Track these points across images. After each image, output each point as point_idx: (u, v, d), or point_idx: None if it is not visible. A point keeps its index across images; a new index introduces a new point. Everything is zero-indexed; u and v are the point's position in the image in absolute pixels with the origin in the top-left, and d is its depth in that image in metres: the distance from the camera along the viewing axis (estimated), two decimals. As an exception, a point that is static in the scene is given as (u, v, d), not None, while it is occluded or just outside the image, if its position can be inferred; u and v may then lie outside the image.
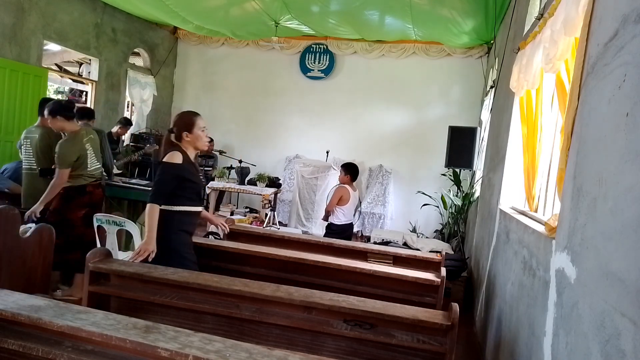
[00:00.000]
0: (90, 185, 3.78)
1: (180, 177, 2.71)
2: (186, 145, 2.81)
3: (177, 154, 2.72)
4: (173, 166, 2.69)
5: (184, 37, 9.08)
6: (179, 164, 2.70)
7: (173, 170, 2.69)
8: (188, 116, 2.86)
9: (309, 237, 4.15)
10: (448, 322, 2.09)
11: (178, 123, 2.83)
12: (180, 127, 2.80)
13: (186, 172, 2.74)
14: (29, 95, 5.84)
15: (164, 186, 2.69)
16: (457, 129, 6.32)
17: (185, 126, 2.80)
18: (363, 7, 6.26)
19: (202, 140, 2.84)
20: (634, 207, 1.15)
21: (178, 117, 2.89)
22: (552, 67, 2.28)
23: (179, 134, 2.80)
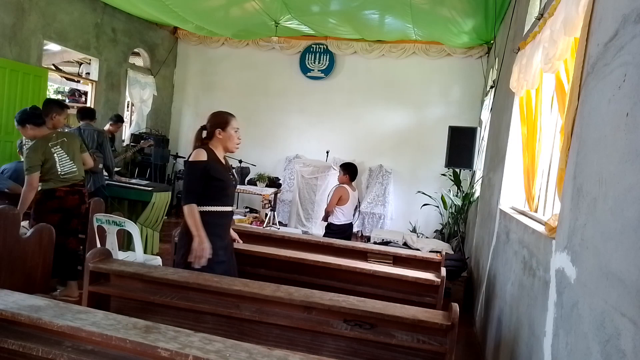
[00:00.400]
0: (61, 190, 3.69)
1: (206, 174, 2.64)
2: (216, 144, 2.76)
3: (201, 151, 2.67)
4: (198, 163, 2.64)
5: (184, 37, 9.08)
6: (204, 160, 2.65)
7: (199, 168, 2.63)
8: (224, 114, 2.83)
9: (309, 237, 4.15)
10: (448, 322, 2.09)
11: (212, 120, 2.79)
12: (214, 124, 2.76)
13: (212, 170, 2.66)
14: (29, 95, 5.84)
15: (193, 184, 2.64)
16: (457, 129, 6.32)
17: (220, 124, 2.76)
18: (363, 7, 6.26)
19: (233, 140, 2.79)
20: (634, 207, 1.15)
21: (213, 115, 2.84)
22: (551, 67, 2.28)
23: (211, 131, 2.76)
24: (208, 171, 2.64)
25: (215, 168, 2.68)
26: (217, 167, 2.71)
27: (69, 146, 3.78)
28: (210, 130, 2.76)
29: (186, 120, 9.41)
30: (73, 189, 3.76)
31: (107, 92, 7.51)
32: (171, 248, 3.42)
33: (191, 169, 2.67)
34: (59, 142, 3.73)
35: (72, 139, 3.88)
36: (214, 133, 2.75)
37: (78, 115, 5.47)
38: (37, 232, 3.48)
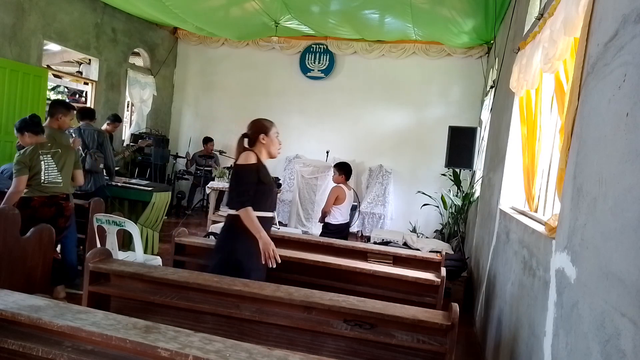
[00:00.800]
0: (37, 200, 3.62)
1: (256, 177, 2.64)
2: (260, 150, 2.76)
3: (251, 154, 2.67)
4: (251, 166, 2.63)
5: (184, 37, 9.08)
6: (254, 163, 2.65)
7: (251, 171, 2.62)
8: (265, 121, 2.82)
9: (309, 237, 4.15)
10: (448, 322, 2.09)
11: (254, 127, 2.79)
12: (256, 130, 2.76)
13: (261, 174, 2.67)
14: (29, 95, 5.84)
15: (246, 187, 2.61)
16: (457, 129, 6.32)
17: (263, 129, 2.76)
18: (363, 7, 6.26)
19: (276, 145, 2.79)
20: (634, 207, 1.15)
21: (254, 122, 2.83)
22: (551, 67, 2.28)
23: (254, 137, 2.76)
24: (259, 175, 2.64)
25: (264, 172, 2.70)
26: (264, 171, 2.72)
27: (61, 158, 3.73)
28: (254, 137, 2.76)
29: (186, 120, 9.41)
30: (50, 201, 3.65)
31: (107, 92, 7.51)
32: (171, 248, 3.42)
33: (243, 172, 2.64)
34: (52, 152, 3.70)
35: (68, 152, 3.82)
36: (258, 139, 2.75)
37: (78, 115, 5.47)
38: (37, 232, 3.48)
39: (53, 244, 3.63)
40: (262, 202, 2.69)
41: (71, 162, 3.82)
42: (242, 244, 2.65)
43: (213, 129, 8.90)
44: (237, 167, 2.69)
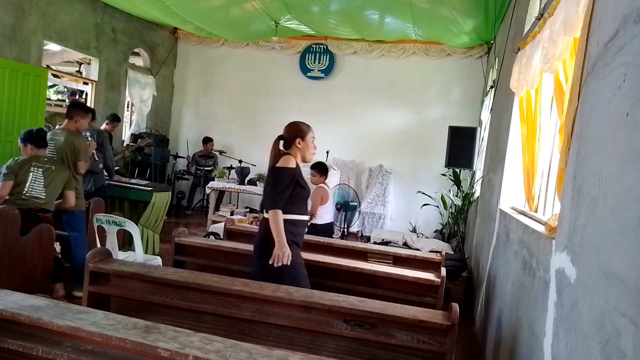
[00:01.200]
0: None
1: (295, 181, 2.64)
2: (295, 153, 2.75)
3: (291, 158, 2.67)
4: (290, 170, 2.62)
5: (184, 37, 9.08)
6: (294, 167, 2.64)
7: (290, 174, 2.62)
8: (302, 124, 2.82)
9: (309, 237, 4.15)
10: (448, 322, 2.09)
11: (291, 130, 2.79)
12: (293, 134, 2.76)
13: (300, 178, 2.67)
14: (29, 95, 5.84)
15: (282, 190, 2.60)
16: (457, 129, 6.32)
17: (299, 133, 2.76)
18: (363, 7, 6.26)
19: (311, 150, 2.80)
20: (634, 207, 1.15)
21: (291, 125, 2.83)
22: (550, 67, 2.28)
23: (290, 141, 2.75)
24: (297, 179, 2.64)
25: (301, 176, 2.70)
26: (302, 175, 2.72)
27: (51, 174, 3.69)
28: (290, 140, 2.76)
29: (186, 120, 9.41)
30: (27, 214, 3.53)
31: (107, 92, 7.51)
32: (171, 248, 3.42)
33: (281, 175, 2.63)
34: (43, 167, 3.67)
35: (61, 171, 3.78)
36: (294, 143, 2.75)
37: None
38: (37, 232, 3.48)
39: (53, 244, 3.63)
40: (300, 205, 2.70)
41: (61, 181, 3.76)
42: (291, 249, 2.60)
43: (213, 129, 8.90)
44: (275, 169, 2.66)
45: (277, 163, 2.67)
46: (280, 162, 2.66)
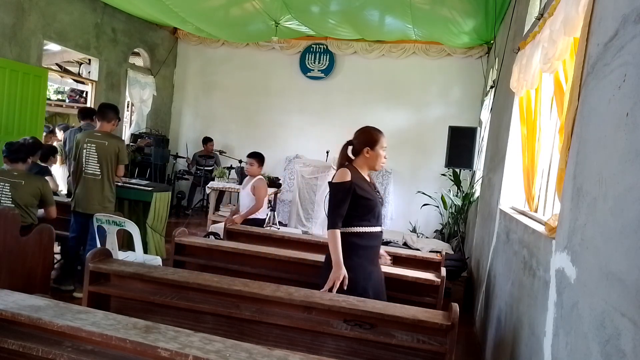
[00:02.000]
0: None
1: (351, 194, 2.49)
2: (362, 162, 2.62)
3: (345, 171, 2.53)
4: (343, 184, 2.49)
5: (184, 37, 9.08)
6: (347, 181, 2.50)
7: (344, 189, 2.49)
8: (374, 132, 2.65)
9: (309, 237, 4.15)
10: (448, 322, 2.09)
11: (361, 137, 2.65)
12: (363, 142, 2.61)
13: (358, 189, 2.51)
14: (29, 95, 5.84)
15: (337, 208, 2.49)
16: (457, 129, 6.32)
17: (369, 142, 2.60)
18: (363, 7, 6.26)
19: (380, 160, 2.62)
20: (634, 207, 1.15)
21: (362, 131, 2.68)
22: (550, 67, 2.28)
23: (359, 149, 2.61)
24: (354, 190, 2.50)
25: (361, 186, 2.54)
26: (363, 185, 2.56)
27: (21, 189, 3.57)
28: (359, 148, 2.62)
29: (186, 120, 9.42)
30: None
31: (107, 92, 7.51)
32: (171, 248, 3.42)
33: (335, 191, 2.52)
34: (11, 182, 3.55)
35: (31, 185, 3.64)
36: (362, 151, 2.60)
37: (79, 115, 5.48)
38: (37, 232, 3.48)
39: (53, 244, 3.64)
40: (366, 216, 2.54)
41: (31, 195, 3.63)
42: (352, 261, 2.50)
43: (213, 129, 8.91)
44: (330, 185, 2.58)
45: (333, 177, 2.57)
46: (335, 176, 2.56)
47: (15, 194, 3.56)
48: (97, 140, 4.00)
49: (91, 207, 3.97)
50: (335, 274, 2.43)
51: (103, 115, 4.09)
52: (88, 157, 3.99)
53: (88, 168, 4.00)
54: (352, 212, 2.50)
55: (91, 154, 3.98)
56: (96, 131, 4.10)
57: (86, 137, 4.03)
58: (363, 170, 2.62)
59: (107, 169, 4.03)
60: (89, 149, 3.98)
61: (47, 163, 5.04)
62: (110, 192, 4.10)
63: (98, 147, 3.99)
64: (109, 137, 4.06)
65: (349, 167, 2.58)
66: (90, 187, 4.00)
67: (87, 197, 4.00)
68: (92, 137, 4.02)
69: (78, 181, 4.05)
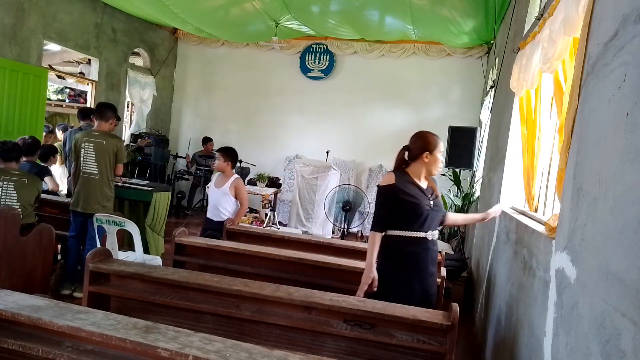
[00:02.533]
0: None
1: (393, 198, 2.49)
2: (418, 167, 2.58)
3: (390, 175, 2.55)
4: (385, 188, 2.52)
5: (184, 37, 9.08)
6: (391, 184, 2.51)
7: (386, 192, 2.51)
8: (432, 137, 2.61)
9: (309, 237, 4.15)
10: (448, 322, 2.09)
11: (419, 142, 2.62)
12: (420, 146, 2.59)
13: (401, 193, 2.49)
14: (29, 95, 5.84)
15: (378, 211, 2.53)
16: (457, 129, 6.31)
17: (427, 146, 2.58)
18: (363, 7, 6.26)
19: (438, 164, 2.61)
20: (634, 207, 1.15)
21: (420, 135, 2.65)
22: (550, 66, 2.28)
23: (417, 154, 2.58)
24: (396, 194, 2.49)
25: (407, 191, 2.50)
26: (410, 189, 2.52)
27: (23, 188, 3.60)
28: (417, 153, 2.59)
29: (186, 120, 9.42)
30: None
31: (107, 92, 7.51)
32: (171, 248, 3.42)
33: (378, 194, 2.56)
34: (15, 180, 3.57)
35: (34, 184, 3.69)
36: (421, 156, 2.57)
37: (79, 115, 5.47)
38: (37, 232, 3.48)
39: (53, 244, 3.63)
40: (408, 221, 2.51)
41: (34, 194, 3.68)
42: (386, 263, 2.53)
43: (213, 129, 8.91)
44: (377, 188, 2.61)
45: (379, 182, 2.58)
46: (382, 180, 2.57)
47: (19, 193, 3.58)
48: (94, 139, 3.99)
49: (90, 206, 3.97)
50: (364, 276, 2.45)
51: (101, 114, 4.08)
52: (86, 157, 3.98)
53: (86, 167, 4.00)
54: (395, 215, 2.50)
55: (89, 153, 3.97)
56: (94, 130, 4.08)
57: (84, 136, 4.02)
58: (419, 174, 2.59)
59: (106, 168, 4.03)
60: (87, 148, 3.97)
61: (47, 163, 5.03)
62: (109, 191, 4.09)
63: (96, 146, 3.98)
64: (107, 137, 4.05)
65: (396, 172, 2.58)
66: (89, 186, 4.00)
67: (85, 196, 4.00)
68: (90, 137, 4.01)
69: (77, 181, 4.06)
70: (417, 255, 2.54)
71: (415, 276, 2.53)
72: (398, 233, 2.52)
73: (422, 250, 2.55)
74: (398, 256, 2.54)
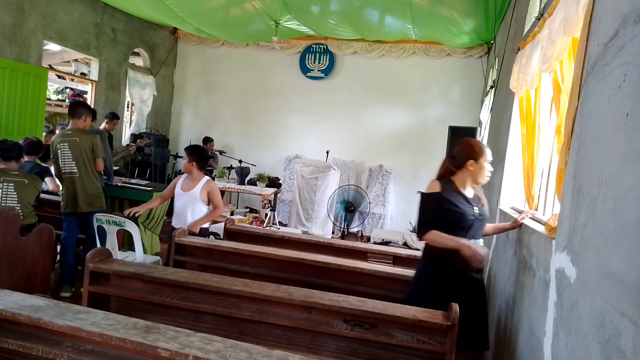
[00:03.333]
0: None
1: (437, 206, 2.47)
2: (464, 175, 2.55)
3: (435, 183, 2.53)
4: (429, 196, 2.50)
5: (183, 37, 9.08)
6: (435, 192, 2.49)
7: (430, 200, 2.49)
8: (477, 145, 2.57)
9: (309, 237, 4.15)
10: (448, 322, 2.09)
11: (464, 150, 2.57)
12: (467, 155, 2.54)
13: (446, 202, 2.47)
14: (29, 95, 5.84)
15: (422, 217, 2.50)
16: (457, 129, 6.31)
17: (472, 154, 2.53)
18: (363, 7, 6.26)
19: (484, 173, 2.55)
20: (634, 207, 1.15)
21: (465, 143, 2.61)
22: (548, 67, 2.28)
23: (462, 162, 2.54)
24: (440, 203, 2.47)
25: (451, 200, 2.48)
26: (455, 198, 2.50)
27: (24, 188, 3.59)
28: (462, 162, 2.55)
29: (186, 120, 9.42)
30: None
31: (107, 92, 7.51)
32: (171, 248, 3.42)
33: (423, 201, 2.52)
34: (15, 181, 3.56)
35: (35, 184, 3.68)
36: (466, 165, 2.53)
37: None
38: (37, 232, 3.48)
39: (53, 244, 3.63)
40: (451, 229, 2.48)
41: (33, 194, 3.67)
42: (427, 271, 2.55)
43: (213, 129, 8.91)
44: (420, 195, 2.56)
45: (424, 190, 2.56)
46: (427, 187, 2.55)
47: (20, 193, 3.57)
48: (68, 138, 3.97)
49: (79, 207, 3.97)
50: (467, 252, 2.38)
51: (73, 112, 4.06)
52: (64, 157, 3.97)
53: (65, 167, 3.98)
54: (439, 224, 2.48)
55: (65, 152, 3.95)
56: (67, 130, 4.06)
57: (59, 137, 4.01)
58: (464, 183, 2.57)
59: (84, 165, 3.99)
60: (63, 148, 3.95)
61: (47, 163, 5.03)
62: (94, 188, 4.06)
63: (70, 144, 3.95)
64: (81, 133, 4.01)
65: (441, 180, 2.56)
66: (72, 186, 3.98)
67: (71, 197, 3.99)
68: (64, 136, 3.99)
69: (61, 182, 4.05)
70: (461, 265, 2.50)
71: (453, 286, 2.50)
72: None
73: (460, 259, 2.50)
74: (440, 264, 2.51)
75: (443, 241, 2.43)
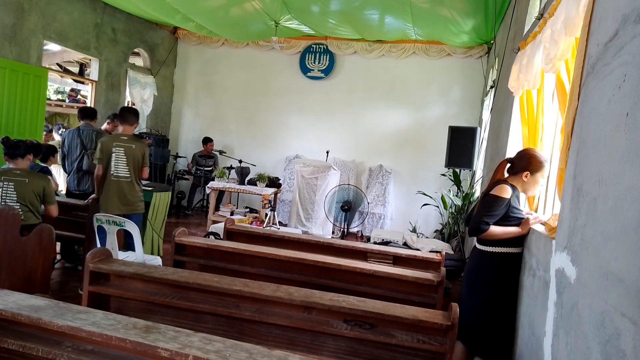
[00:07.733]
0: None
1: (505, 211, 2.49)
2: (516, 182, 2.59)
3: (506, 188, 2.52)
4: (501, 200, 2.49)
5: (184, 37, 9.08)
6: (506, 198, 2.49)
7: (500, 204, 2.48)
8: (537, 159, 2.56)
9: (309, 237, 4.15)
10: (448, 322, 2.09)
11: (523, 159, 2.59)
12: (525, 166, 2.56)
13: (512, 208, 2.50)
14: (29, 95, 5.84)
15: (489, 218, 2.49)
16: (457, 129, 6.31)
17: (529, 166, 2.55)
18: (363, 7, 6.26)
19: (535, 188, 2.60)
20: (634, 207, 1.15)
21: (526, 154, 2.62)
22: (553, 67, 2.28)
23: (518, 170, 2.58)
24: (507, 210, 2.49)
25: (516, 206, 2.53)
26: (517, 204, 2.55)
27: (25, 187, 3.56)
28: (518, 170, 2.59)
29: (186, 120, 9.42)
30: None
31: (107, 92, 7.51)
32: (171, 248, 3.42)
33: (492, 203, 2.51)
34: (15, 180, 3.53)
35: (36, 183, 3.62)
36: (521, 175, 2.57)
37: (79, 115, 5.47)
38: (37, 232, 3.48)
39: (53, 244, 3.63)
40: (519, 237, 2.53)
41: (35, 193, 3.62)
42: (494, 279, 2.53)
43: (213, 129, 8.91)
44: (489, 196, 2.55)
45: (492, 190, 2.55)
46: (495, 189, 2.54)
47: (19, 192, 3.55)
48: (124, 144, 4.13)
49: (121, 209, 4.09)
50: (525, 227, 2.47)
51: (125, 119, 4.21)
52: (117, 161, 4.10)
53: (118, 171, 4.11)
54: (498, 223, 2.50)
55: (120, 157, 4.09)
56: (122, 135, 4.20)
57: (114, 141, 4.14)
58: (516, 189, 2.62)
59: (134, 171, 4.17)
60: (118, 152, 4.09)
61: (47, 163, 5.03)
62: (140, 192, 4.28)
63: (126, 150, 4.11)
64: (135, 141, 4.20)
65: (511, 185, 2.56)
66: (122, 189, 4.13)
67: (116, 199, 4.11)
68: (119, 141, 4.13)
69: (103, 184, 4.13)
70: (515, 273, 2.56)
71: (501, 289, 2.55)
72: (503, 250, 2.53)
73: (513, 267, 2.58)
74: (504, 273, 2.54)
75: (501, 232, 2.50)
